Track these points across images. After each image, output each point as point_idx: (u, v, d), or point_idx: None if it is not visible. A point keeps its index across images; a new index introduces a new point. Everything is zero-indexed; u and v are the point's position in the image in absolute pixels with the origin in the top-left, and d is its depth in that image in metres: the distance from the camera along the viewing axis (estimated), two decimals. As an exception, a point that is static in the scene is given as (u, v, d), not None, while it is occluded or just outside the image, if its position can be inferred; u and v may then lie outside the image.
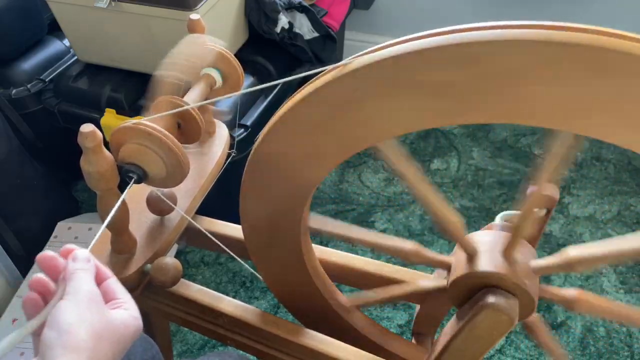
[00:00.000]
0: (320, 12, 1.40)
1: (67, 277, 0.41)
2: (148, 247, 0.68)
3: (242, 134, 1.16)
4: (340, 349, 0.65)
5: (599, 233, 1.40)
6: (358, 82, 0.45)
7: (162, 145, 0.56)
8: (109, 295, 0.43)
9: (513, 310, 0.51)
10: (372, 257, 0.78)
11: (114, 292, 0.43)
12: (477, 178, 1.57)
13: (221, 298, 0.71)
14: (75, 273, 0.41)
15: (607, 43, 0.38)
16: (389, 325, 1.25)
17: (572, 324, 1.23)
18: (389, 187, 1.56)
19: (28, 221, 1.33)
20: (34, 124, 1.36)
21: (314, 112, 0.49)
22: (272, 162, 0.55)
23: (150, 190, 0.69)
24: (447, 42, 0.41)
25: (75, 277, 0.41)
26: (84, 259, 0.43)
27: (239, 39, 1.30)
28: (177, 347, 1.22)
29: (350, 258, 0.73)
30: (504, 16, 1.63)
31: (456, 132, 1.72)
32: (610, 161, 1.59)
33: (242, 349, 0.73)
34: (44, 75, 1.32)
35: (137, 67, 1.22)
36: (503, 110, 0.43)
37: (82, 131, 0.52)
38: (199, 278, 1.36)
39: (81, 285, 0.41)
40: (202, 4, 1.07)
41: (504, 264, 0.52)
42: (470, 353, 0.56)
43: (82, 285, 0.41)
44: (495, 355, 1.18)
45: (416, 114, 0.46)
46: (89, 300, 0.40)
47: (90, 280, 0.42)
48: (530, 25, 0.39)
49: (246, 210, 0.63)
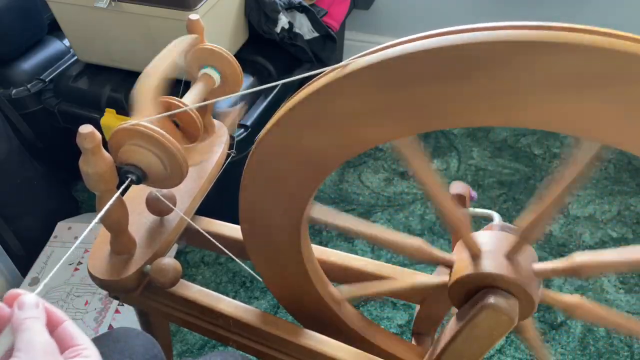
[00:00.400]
0: (320, 12, 1.40)
1: (14, 329, 0.36)
2: (147, 248, 0.68)
3: (241, 134, 1.16)
4: (340, 349, 0.65)
5: (599, 233, 1.40)
6: (358, 82, 0.45)
7: (161, 146, 0.56)
8: (65, 343, 0.38)
9: (513, 310, 0.51)
10: (373, 257, 0.78)
11: (70, 338, 0.38)
12: (477, 178, 1.57)
13: (221, 298, 0.71)
14: (24, 323, 0.36)
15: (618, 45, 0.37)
16: (389, 325, 1.24)
17: (572, 323, 1.23)
18: (389, 187, 1.56)
19: (28, 221, 1.33)
20: (34, 124, 1.36)
21: (314, 113, 0.49)
22: (271, 163, 0.55)
23: (150, 191, 0.69)
24: (448, 43, 0.41)
25: (25, 328, 0.36)
26: (32, 305, 0.37)
27: (239, 39, 1.30)
28: (177, 347, 1.22)
29: (349, 259, 0.73)
30: (504, 16, 1.63)
31: (456, 132, 1.72)
32: (610, 161, 1.59)
33: (242, 349, 0.73)
34: (44, 75, 1.32)
35: (137, 67, 1.22)
36: (503, 114, 0.43)
37: (81, 132, 0.52)
38: (199, 278, 1.36)
39: (32, 337, 0.36)
40: (202, 4, 1.06)
41: (508, 266, 0.52)
42: (470, 353, 0.56)
43: (33, 337, 0.36)
44: (495, 355, 1.18)
45: (417, 115, 0.46)
46: (44, 354, 0.35)
47: (41, 330, 0.37)
48: (532, 26, 0.39)
49: (245, 211, 0.62)
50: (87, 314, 1.18)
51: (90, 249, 0.69)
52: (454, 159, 1.63)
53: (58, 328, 0.39)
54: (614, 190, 1.51)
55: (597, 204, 1.48)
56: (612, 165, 1.58)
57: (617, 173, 1.56)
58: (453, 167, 1.61)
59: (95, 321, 1.17)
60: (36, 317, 0.37)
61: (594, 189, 1.52)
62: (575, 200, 1.49)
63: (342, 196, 1.54)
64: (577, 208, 1.47)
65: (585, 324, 1.22)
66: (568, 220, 1.44)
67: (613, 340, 1.20)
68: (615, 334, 1.20)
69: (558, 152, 1.63)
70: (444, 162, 1.63)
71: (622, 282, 1.29)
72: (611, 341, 1.20)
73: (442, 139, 1.70)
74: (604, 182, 1.53)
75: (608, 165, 1.58)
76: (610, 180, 1.54)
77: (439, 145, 1.68)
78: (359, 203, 1.52)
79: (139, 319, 0.83)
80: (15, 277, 1.28)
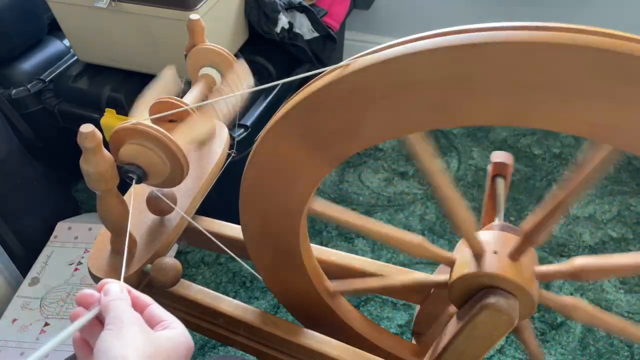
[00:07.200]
0: (320, 12, 1.40)
1: (103, 310, 0.41)
2: (148, 247, 0.68)
3: (242, 134, 1.16)
4: (340, 348, 0.65)
5: (599, 233, 1.40)
6: (358, 82, 0.45)
7: (162, 146, 0.56)
8: (153, 320, 0.42)
9: (514, 310, 0.51)
10: (373, 257, 0.78)
11: (158, 317, 0.43)
12: (477, 178, 1.57)
13: (221, 298, 0.71)
14: (110, 304, 0.41)
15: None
16: (389, 325, 1.25)
17: (572, 323, 1.23)
18: (389, 187, 1.56)
19: (28, 221, 1.33)
20: (34, 124, 1.36)
21: (314, 113, 0.49)
22: (271, 163, 0.55)
23: (150, 190, 0.69)
24: (449, 43, 0.41)
25: (112, 308, 0.41)
26: (117, 290, 0.42)
27: (239, 39, 1.30)
28: (177, 347, 1.22)
29: (349, 258, 0.73)
30: (504, 16, 1.63)
31: (456, 132, 1.72)
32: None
33: (242, 349, 0.73)
34: (44, 75, 1.32)
35: (137, 67, 1.22)
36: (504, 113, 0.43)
37: (82, 131, 0.52)
38: (199, 278, 1.36)
39: (119, 313, 0.40)
40: (202, 4, 1.06)
41: (511, 267, 0.52)
42: (471, 353, 0.56)
43: (120, 313, 0.40)
44: (495, 355, 1.18)
45: (417, 115, 0.46)
46: (131, 324, 0.40)
47: (127, 308, 0.41)
48: (531, 27, 0.39)
49: (246, 211, 0.63)
50: (87, 314, 1.18)
51: (90, 249, 0.69)
52: (454, 159, 1.64)
53: (145, 310, 0.43)
54: (614, 190, 1.51)
55: (597, 204, 1.48)
56: (612, 165, 1.58)
57: (617, 173, 1.56)
58: (453, 167, 1.61)
59: (95, 321, 1.17)
60: (120, 299, 0.42)
61: (594, 189, 1.52)
62: (575, 200, 1.49)
63: (342, 196, 1.54)
64: (577, 208, 1.47)
65: (586, 324, 1.22)
66: (568, 220, 1.44)
67: (613, 340, 1.20)
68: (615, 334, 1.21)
69: (558, 152, 1.63)
70: (444, 162, 1.63)
71: (622, 283, 1.29)
72: (611, 341, 1.20)
73: (442, 139, 1.70)
74: (604, 182, 1.54)
75: (608, 165, 1.58)
76: (610, 180, 1.54)
77: (439, 145, 1.68)
78: (359, 203, 1.52)
79: (139, 319, 0.83)
80: (15, 277, 1.28)
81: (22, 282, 1.27)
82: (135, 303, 0.43)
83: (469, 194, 1.52)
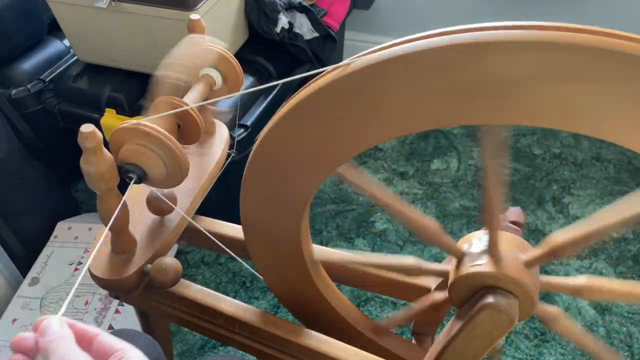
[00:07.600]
0: (320, 12, 1.40)
1: (43, 355, 0.36)
2: (148, 247, 0.68)
3: (242, 134, 1.16)
4: (341, 349, 0.65)
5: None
6: (358, 82, 0.45)
7: (162, 146, 0.56)
8: (105, 353, 0.37)
9: (513, 309, 0.51)
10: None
11: (109, 347, 0.37)
12: (477, 178, 1.57)
13: (221, 298, 0.71)
14: (50, 345, 0.35)
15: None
16: (389, 325, 1.25)
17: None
18: (389, 187, 1.56)
19: (28, 221, 1.33)
20: (34, 124, 1.36)
21: (314, 113, 0.49)
22: (272, 163, 0.55)
23: (150, 190, 0.69)
24: (449, 43, 0.41)
25: (52, 349, 0.35)
26: (55, 328, 0.36)
27: (239, 39, 1.30)
28: (177, 347, 1.22)
29: (350, 258, 0.73)
30: (504, 16, 1.63)
31: (456, 132, 1.72)
32: (610, 161, 1.59)
33: (242, 349, 0.73)
34: (44, 75, 1.32)
35: (137, 67, 1.22)
36: (505, 111, 0.43)
37: (82, 131, 0.52)
38: (199, 278, 1.36)
39: (62, 355, 0.35)
40: (202, 4, 1.07)
41: (489, 262, 0.52)
42: (471, 353, 0.56)
43: (63, 355, 0.35)
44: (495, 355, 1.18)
45: (417, 115, 0.46)
46: None
47: (71, 346, 0.36)
48: (529, 26, 0.39)
49: (246, 211, 0.63)
50: (87, 314, 1.18)
51: (90, 249, 0.69)
52: (454, 159, 1.64)
53: (93, 343, 0.38)
54: (614, 190, 1.51)
55: (597, 204, 1.48)
56: (612, 165, 1.58)
57: (617, 173, 1.56)
58: (453, 167, 1.61)
59: (95, 321, 1.17)
60: (60, 337, 0.36)
61: (594, 189, 1.52)
62: (575, 200, 1.49)
63: (342, 196, 1.54)
64: (577, 208, 1.47)
65: (585, 324, 1.22)
66: (568, 220, 1.44)
67: (613, 340, 1.20)
68: (615, 334, 1.20)
69: (558, 152, 1.63)
70: (444, 162, 1.63)
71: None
72: (611, 341, 1.20)
73: (442, 139, 1.70)
74: (604, 182, 1.54)
75: (608, 165, 1.58)
76: (610, 180, 1.54)
77: (438, 145, 1.68)
78: (359, 203, 1.52)
79: (139, 319, 0.83)
80: (15, 277, 1.28)
81: (22, 282, 1.27)
82: (80, 337, 0.37)
83: (469, 194, 1.52)
